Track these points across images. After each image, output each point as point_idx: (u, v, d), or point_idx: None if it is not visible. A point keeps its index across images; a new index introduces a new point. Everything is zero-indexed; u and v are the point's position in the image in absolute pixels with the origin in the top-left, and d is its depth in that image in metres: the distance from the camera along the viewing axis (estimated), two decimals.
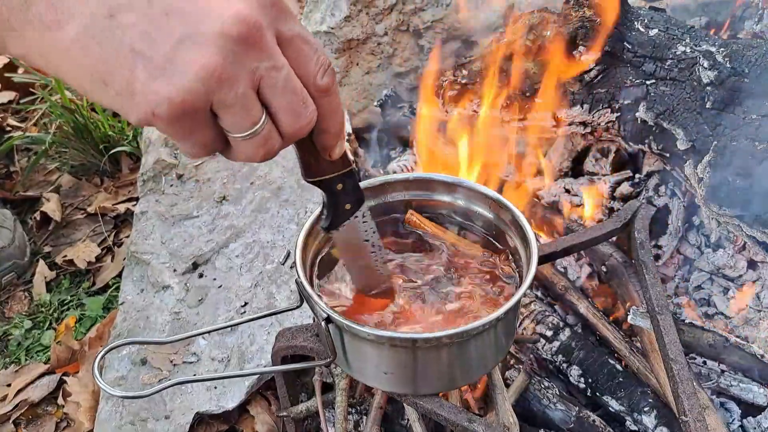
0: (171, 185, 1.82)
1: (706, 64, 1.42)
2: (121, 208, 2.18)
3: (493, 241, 1.26)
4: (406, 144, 2.10)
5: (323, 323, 1.07)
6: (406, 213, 1.32)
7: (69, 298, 1.91)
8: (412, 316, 1.15)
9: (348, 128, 2.08)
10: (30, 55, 0.62)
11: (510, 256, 1.23)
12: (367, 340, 1.07)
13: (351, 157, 0.92)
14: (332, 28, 2.20)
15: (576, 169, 1.90)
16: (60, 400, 1.61)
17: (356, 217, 1.01)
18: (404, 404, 1.26)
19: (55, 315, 1.86)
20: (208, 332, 1.18)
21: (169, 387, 1.07)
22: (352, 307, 1.17)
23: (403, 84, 2.29)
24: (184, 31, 0.59)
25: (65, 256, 2.00)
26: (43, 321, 1.85)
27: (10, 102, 2.68)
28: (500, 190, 1.68)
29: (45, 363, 1.71)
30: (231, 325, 1.21)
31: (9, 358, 1.75)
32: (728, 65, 1.39)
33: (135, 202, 2.14)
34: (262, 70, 0.63)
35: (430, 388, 1.15)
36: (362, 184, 1.30)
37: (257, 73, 0.63)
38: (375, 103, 2.17)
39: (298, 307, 1.23)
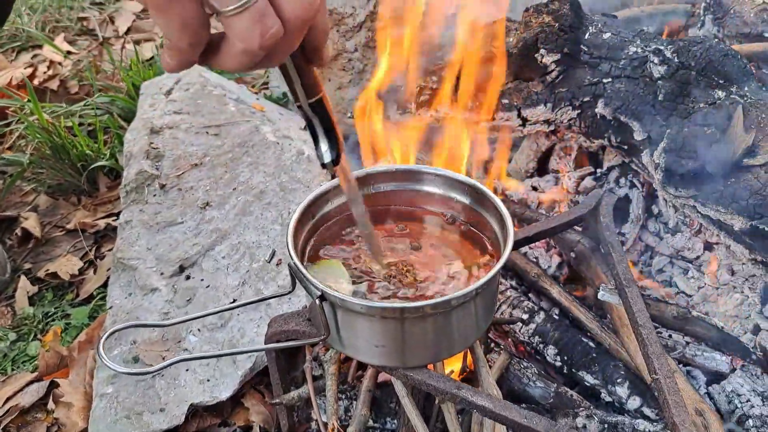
0: (154, 195, 1.87)
1: (656, 60, 1.54)
2: (101, 223, 2.21)
3: (472, 228, 1.35)
4: (378, 153, 2.19)
5: (317, 301, 1.13)
6: (389, 204, 1.41)
7: (53, 310, 1.93)
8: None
9: None
10: None
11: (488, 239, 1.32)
12: (360, 314, 1.14)
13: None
14: None
15: (541, 168, 2.02)
16: (50, 405, 1.63)
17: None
18: (394, 381, 1.32)
19: (40, 326, 1.88)
20: (204, 316, 1.23)
21: (174, 363, 1.13)
22: None
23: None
24: None
25: (47, 269, 2.03)
26: (27, 333, 1.87)
27: None
28: None
29: (32, 372, 1.73)
30: (227, 309, 1.27)
31: None
32: (676, 60, 1.51)
33: (115, 218, 2.19)
34: None
35: (418, 359, 1.21)
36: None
37: None
38: (348, 115, 2.27)
39: (290, 292, 1.30)
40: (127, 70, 2.60)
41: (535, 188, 1.95)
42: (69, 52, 3.04)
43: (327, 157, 0.93)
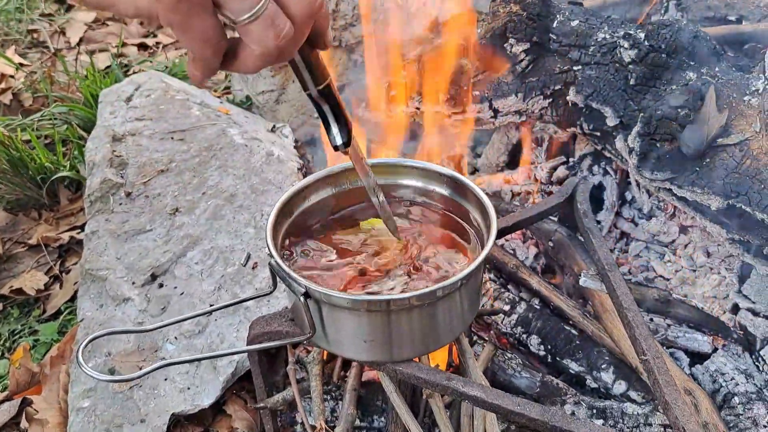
0: (120, 204, 1.83)
1: (626, 45, 1.56)
2: (65, 237, 2.15)
3: (455, 217, 1.34)
4: None
5: (301, 298, 1.11)
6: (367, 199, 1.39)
7: (20, 327, 1.87)
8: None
9: (293, 139, 2.15)
10: None
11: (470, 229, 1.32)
12: (345, 309, 1.12)
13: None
14: None
15: (513, 161, 2.03)
16: (23, 424, 1.57)
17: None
18: (382, 376, 1.31)
19: (7, 345, 1.82)
20: (185, 319, 1.20)
21: (157, 369, 1.09)
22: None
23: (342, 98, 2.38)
24: None
25: (12, 286, 1.96)
26: None
27: None
28: None
29: (2, 391, 1.67)
30: (205, 313, 1.25)
31: None
32: (646, 43, 1.53)
33: (79, 231, 2.13)
34: None
35: (406, 353, 1.20)
36: (323, 172, 1.38)
37: None
38: (316, 115, 2.24)
39: (270, 292, 1.27)
40: (83, 79, 2.54)
41: (507, 181, 1.95)
42: (21, 65, 2.96)
43: (338, 140, 0.96)
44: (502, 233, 1.52)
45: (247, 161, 1.84)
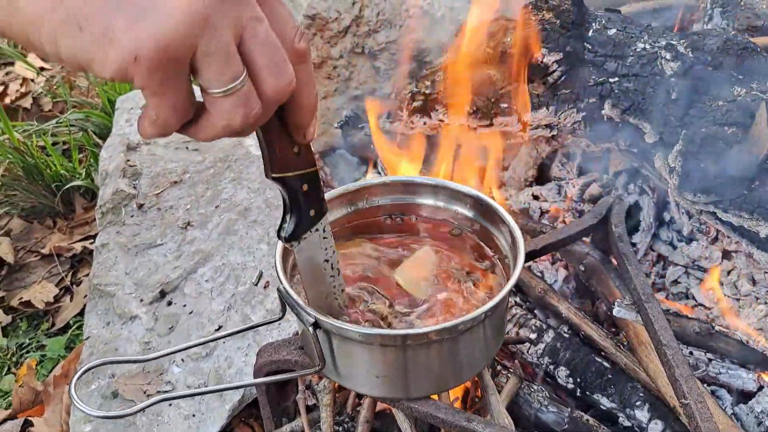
0: (132, 216, 1.77)
1: (668, 56, 1.46)
2: (78, 247, 2.10)
3: (477, 240, 1.25)
4: (367, 162, 2.09)
5: (311, 329, 1.03)
6: (384, 217, 1.31)
7: (27, 341, 1.82)
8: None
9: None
10: None
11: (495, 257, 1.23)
12: (358, 342, 1.04)
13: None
14: None
15: (542, 176, 1.92)
16: None
17: (317, 230, 0.95)
18: (396, 412, 1.22)
19: (14, 359, 1.77)
20: (187, 348, 1.12)
21: (153, 404, 1.02)
22: None
23: (362, 106, 2.30)
24: None
25: (21, 298, 1.91)
26: (1, 366, 1.76)
27: None
28: None
29: (6, 409, 1.62)
30: (211, 340, 1.17)
31: None
32: (691, 55, 1.43)
33: (92, 241, 2.08)
34: (245, 19, 0.61)
35: (423, 390, 1.12)
36: (338, 190, 1.29)
37: (240, 22, 0.61)
38: (336, 125, 2.17)
39: (279, 318, 1.20)
40: (102, 85, 2.50)
41: (536, 197, 1.85)
42: (42, 69, 2.93)
43: (282, 232, 0.92)
44: (530, 257, 1.43)
45: (262, 174, 1.77)
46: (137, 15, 0.55)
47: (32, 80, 2.88)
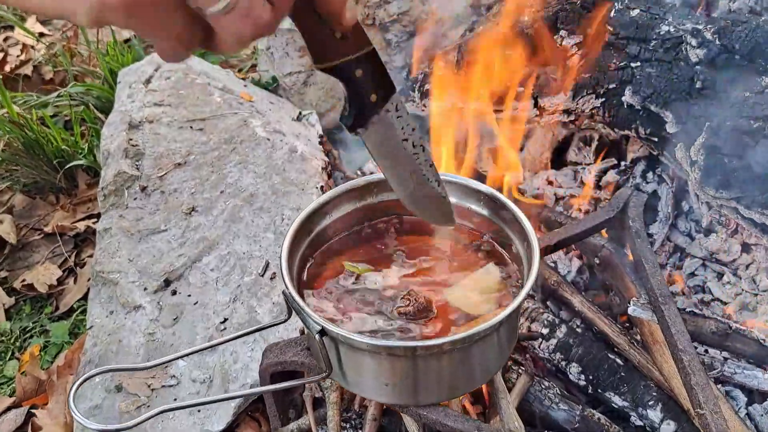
0: (135, 198, 1.73)
1: (694, 43, 1.40)
2: (81, 226, 2.08)
3: (491, 240, 1.22)
4: None
5: (317, 336, 1.02)
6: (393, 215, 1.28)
7: (31, 324, 1.81)
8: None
9: (319, 129, 2.03)
10: None
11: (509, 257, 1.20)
12: (365, 351, 1.02)
13: (368, 34, 0.80)
14: (294, 26, 2.13)
15: (557, 159, 1.88)
16: None
17: (387, 111, 0.88)
18: (404, 416, 1.21)
19: (18, 344, 1.77)
20: (189, 354, 1.11)
21: (151, 417, 1.02)
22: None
23: None
24: None
25: (24, 280, 1.90)
26: (4, 351, 1.75)
27: None
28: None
29: (10, 396, 1.62)
30: (213, 345, 1.15)
31: None
32: (718, 42, 1.37)
33: (95, 219, 2.05)
34: None
35: (432, 397, 1.11)
36: (345, 186, 1.26)
37: None
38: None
39: (285, 320, 1.18)
40: (103, 55, 2.44)
41: (550, 182, 1.81)
42: (41, 34, 2.87)
43: (345, 121, 0.88)
44: (544, 253, 1.39)
45: (268, 157, 1.73)
46: None
47: (32, 47, 2.82)
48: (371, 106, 0.86)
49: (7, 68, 2.67)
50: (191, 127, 1.86)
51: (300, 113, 2.04)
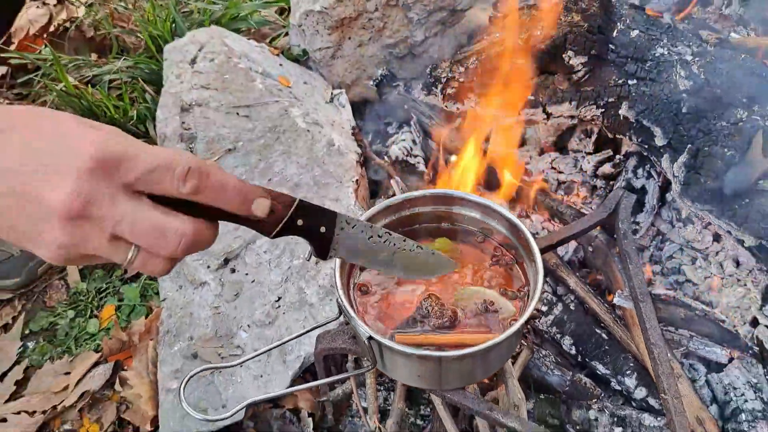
0: None
1: (683, 74, 1.59)
2: None
3: (505, 252, 1.45)
4: (402, 121, 2.25)
5: (366, 341, 1.27)
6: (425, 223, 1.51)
7: (105, 285, 2.08)
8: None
9: (349, 111, 2.22)
10: None
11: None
12: (402, 353, 1.29)
13: (288, 193, 0.95)
14: (325, 8, 2.28)
15: (560, 145, 2.09)
16: (117, 386, 1.82)
17: (342, 229, 1.03)
18: (431, 394, 1.49)
19: (95, 303, 2.04)
20: (268, 351, 1.37)
21: (242, 409, 1.29)
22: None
23: (393, 53, 2.41)
24: (37, 210, 0.74)
25: None
26: (84, 309, 2.03)
27: (3, 77, 2.73)
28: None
29: (96, 351, 1.91)
30: (285, 342, 1.41)
31: (60, 348, 1.94)
32: (702, 77, 1.56)
33: None
34: (108, 228, 0.76)
35: (454, 384, 1.37)
36: (385, 203, 1.48)
37: (106, 231, 0.76)
38: (371, 83, 2.30)
39: (336, 318, 1.44)
40: (144, 23, 2.58)
41: (553, 167, 2.03)
42: None
43: (316, 257, 1.05)
44: (546, 250, 1.64)
45: (309, 149, 1.94)
46: (38, 245, 0.76)
47: (72, 3, 2.94)
48: (326, 236, 1.01)
49: (51, 28, 2.81)
50: (237, 114, 2.06)
51: (332, 96, 2.23)
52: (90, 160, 0.74)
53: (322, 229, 1.02)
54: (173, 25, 2.58)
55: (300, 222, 0.96)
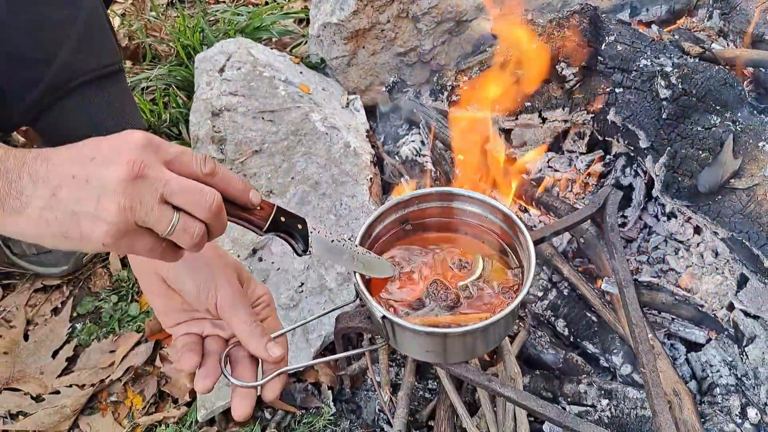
0: None
1: (663, 84, 1.73)
2: None
3: (503, 243, 1.60)
4: (412, 123, 2.40)
5: (381, 320, 1.43)
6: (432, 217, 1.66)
7: None
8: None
9: (364, 115, 2.38)
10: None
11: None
12: (411, 330, 1.44)
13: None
14: (341, 21, 2.44)
15: (555, 145, 2.23)
16: (157, 362, 1.99)
17: (313, 230, 1.21)
18: (437, 368, 1.65)
19: (135, 289, 2.21)
20: (292, 329, 1.52)
21: (277, 375, 1.44)
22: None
23: (404, 61, 2.56)
24: (99, 187, 0.86)
25: None
26: (126, 294, 2.20)
27: None
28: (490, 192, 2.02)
29: (137, 332, 2.08)
30: (308, 322, 1.57)
31: (105, 329, 2.12)
32: (680, 87, 1.70)
33: None
34: (160, 188, 0.89)
35: (458, 359, 1.51)
36: (396, 199, 1.64)
37: (158, 191, 0.89)
38: (383, 88, 2.46)
39: (353, 301, 1.60)
40: (176, 33, 2.75)
41: (550, 166, 2.18)
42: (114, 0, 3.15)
43: (300, 252, 1.21)
44: (542, 240, 1.79)
45: (328, 150, 2.10)
46: (93, 221, 0.87)
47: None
48: (303, 232, 1.18)
49: None
50: (263, 118, 2.22)
51: (348, 101, 2.39)
52: (142, 139, 0.90)
53: (299, 226, 1.19)
54: (202, 34, 2.74)
55: (283, 219, 1.13)
